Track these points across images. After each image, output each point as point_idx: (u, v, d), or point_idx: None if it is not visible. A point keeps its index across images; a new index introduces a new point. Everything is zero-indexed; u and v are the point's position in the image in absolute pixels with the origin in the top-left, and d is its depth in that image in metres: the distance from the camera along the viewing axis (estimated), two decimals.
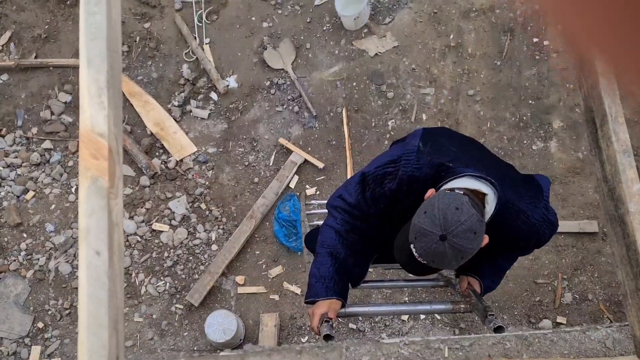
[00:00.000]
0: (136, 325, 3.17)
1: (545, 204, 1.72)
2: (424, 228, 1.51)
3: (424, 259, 1.51)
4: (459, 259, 1.51)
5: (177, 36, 3.79)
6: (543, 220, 1.70)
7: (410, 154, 1.73)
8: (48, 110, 3.62)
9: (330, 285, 1.82)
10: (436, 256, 1.49)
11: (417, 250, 1.51)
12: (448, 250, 1.49)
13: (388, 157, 1.80)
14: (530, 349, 1.07)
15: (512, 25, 3.72)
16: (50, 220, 3.38)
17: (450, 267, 1.57)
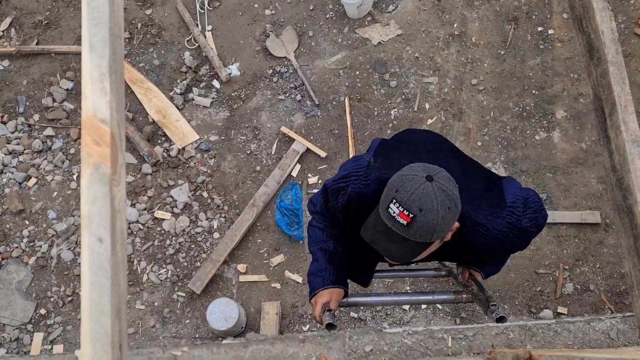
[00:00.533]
0: (138, 312, 3.18)
1: (510, 211, 1.64)
2: (407, 174, 1.45)
3: (408, 208, 1.39)
4: (447, 208, 1.41)
5: (179, 23, 3.77)
6: (508, 229, 1.62)
7: (359, 169, 1.71)
8: (50, 97, 3.61)
9: (326, 276, 1.88)
10: (424, 200, 1.39)
11: (401, 203, 1.41)
12: (437, 193, 1.41)
13: (342, 172, 1.79)
14: (534, 339, 1.07)
15: (517, 14, 3.69)
16: (52, 207, 3.38)
17: (439, 222, 1.41)
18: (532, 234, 1.70)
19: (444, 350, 1.07)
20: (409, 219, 1.39)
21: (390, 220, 1.43)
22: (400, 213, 1.40)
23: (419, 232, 1.41)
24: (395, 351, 1.08)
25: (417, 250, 1.48)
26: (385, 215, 1.45)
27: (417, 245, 1.45)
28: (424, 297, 1.96)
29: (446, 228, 1.44)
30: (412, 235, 1.42)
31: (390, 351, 1.08)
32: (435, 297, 1.94)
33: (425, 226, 1.41)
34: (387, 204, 1.44)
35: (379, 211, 1.47)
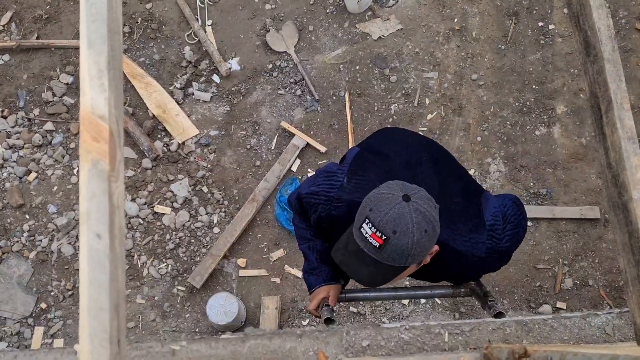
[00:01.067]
0: (138, 306, 3.19)
1: (490, 235, 1.57)
2: (383, 192, 1.36)
3: (381, 229, 1.29)
4: (423, 230, 1.31)
5: (179, 17, 3.76)
6: (488, 254, 1.57)
7: (331, 189, 1.63)
8: (50, 92, 3.61)
9: (319, 274, 1.87)
10: (399, 221, 1.29)
11: (374, 224, 1.31)
12: (413, 214, 1.30)
13: (313, 185, 1.70)
14: (530, 334, 1.08)
15: (517, 9, 3.68)
16: (52, 201, 3.39)
17: (413, 245, 1.31)
18: (512, 251, 1.66)
19: (440, 345, 1.08)
20: (382, 241, 1.30)
21: (362, 241, 1.34)
22: (373, 234, 1.31)
23: (392, 256, 1.31)
24: (392, 346, 1.09)
25: (390, 275, 1.37)
26: (357, 235, 1.35)
27: (389, 269, 1.35)
28: (422, 291, 1.96)
29: (422, 252, 1.35)
30: (385, 259, 1.32)
31: (388, 346, 1.09)
32: (433, 291, 1.95)
33: (399, 249, 1.30)
34: (360, 223, 1.35)
35: (352, 230, 1.39)
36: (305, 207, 1.74)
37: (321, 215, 1.64)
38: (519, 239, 1.67)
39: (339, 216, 1.60)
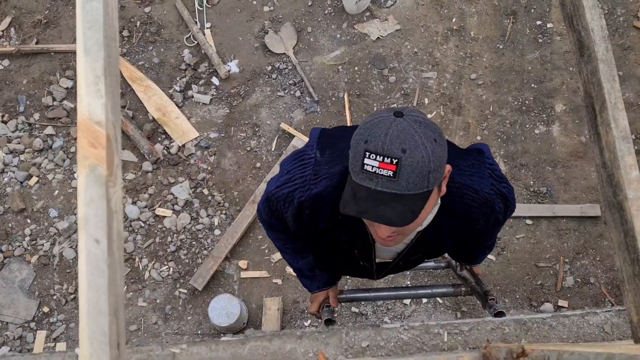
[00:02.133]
0: (140, 309, 3.20)
1: (491, 172, 1.44)
2: (371, 120, 1.15)
3: (389, 153, 1.08)
4: (431, 136, 1.12)
5: (177, 21, 3.77)
6: (494, 193, 1.42)
7: (305, 168, 1.44)
8: (50, 96, 3.62)
9: (315, 280, 1.83)
10: (404, 137, 1.09)
11: (377, 152, 1.09)
12: (414, 126, 1.10)
13: (284, 173, 1.50)
14: (529, 333, 1.08)
15: (515, 8, 3.68)
16: (53, 205, 3.40)
17: (429, 153, 1.10)
18: (513, 198, 1.52)
19: (439, 345, 1.08)
20: (394, 167, 1.07)
21: (371, 179, 1.10)
22: (382, 164, 1.08)
23: (411, 179, 1.09)
24: (391, 346, 1.09)
25: (417, 206, 1.13)
26: (363, 178, 1.11)
27: (414, 200, 1.11)
28: (423, 290, 1.97)
29: (441, 166, 1.14)
30: (405, 187, 1.09)
31: (387, 346, 1.09)
32: (434, 290, 1.96)
33: (417, 168, 1.09)
34: (360, 162, 1.11)
35: (352, 178, 1.14)
36: (277, 209, 1.52)
37: (301, 202, 1.42)
38: (509, 202, 1.51)
39: (323, 194, 1.38)
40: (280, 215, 1.52)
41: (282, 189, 1.47)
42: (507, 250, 3.22)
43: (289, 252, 1.77)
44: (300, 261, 1.77)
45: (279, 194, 1.48)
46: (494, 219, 1.46)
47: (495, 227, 1.57)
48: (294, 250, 1.74)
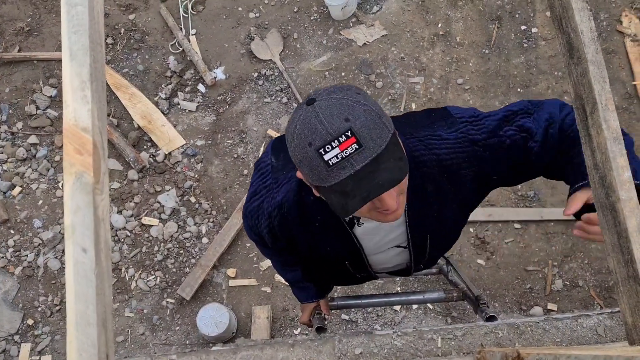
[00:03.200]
0: (127, 320, 3.15)
1: (466, 122, 1.32)
2: (291, 126, 1.08)
3: (337, 132, 1.01)
4: (356, 95, 1.07)
5: (162, 27, 3.75)
6: (464, 125, 1.31)
7: (265, 178, 1.40)
8: (33, 105, 3.57)
9: (305, 290, 1.80)
10: (334, 111, 1.03)
11: (327, 140, 1.02)
12: (329, 99, 1.05)
13: (250, 189, 1.45)
14: (522, 337, 1.08)
15: (500, 13, 3.71)
16: (38, 216, 3.34)
17: (364, 111, 1.04)
18: (487, 118, 1.35)
19: (433, 351, 1.07)
20: (353, 138, 1.01)
21: (344, 167, 1.02)
22: (341, 145, 1.01)
23: (373, 135, 1.03)
24: (385, 353, 1.08)
25: (398, 152, 1.06)
26: (336, 173, 1.03)
27: (391, 151, 1.05)
28: (414, 296, 1.96)
29: (381, 109, 1.09)
30: (375, 146, 1.03)
31: (380, 353, 1.08)
32: (425, 296, 1.95)
33: (370, 122, 1.04)
34: (322, 163, 1.03)
35: (327, 185, 1.05)
36: (253, 225, 1.46)
37: (270, 213, 1.37)
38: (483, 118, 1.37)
39: (288, 200, 1.33)
40: (257, 231, 1.46)
41: (251, 204, 1.43)
42: (496, 254, 3.23)
43: (278, 265, 1.74)
44: (289, 273, 1.75)
45: (249, 209, 1.44)
46: (483, 146, 1.29)
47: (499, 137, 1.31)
48: (282, 263, 1.70)
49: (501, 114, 1.33)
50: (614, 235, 0.80)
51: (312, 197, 1.29)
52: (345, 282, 1.75)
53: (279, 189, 1.35)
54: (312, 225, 1.35)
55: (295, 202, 1.33)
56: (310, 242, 1.41)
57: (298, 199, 1.32)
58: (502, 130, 1.30)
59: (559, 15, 0.88)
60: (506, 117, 1.32)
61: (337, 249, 1.42)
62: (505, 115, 1.33)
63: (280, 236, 1.42)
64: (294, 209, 1.34)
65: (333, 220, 1.32)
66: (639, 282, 0.76)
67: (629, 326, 0.79)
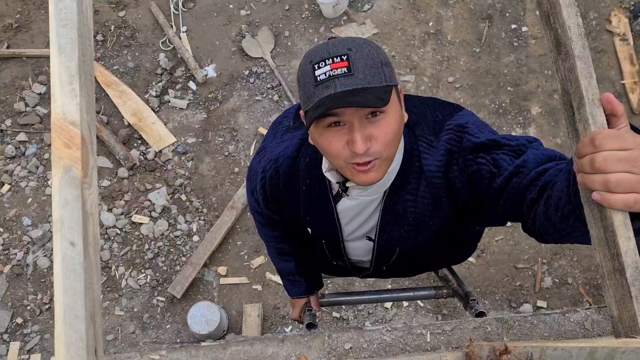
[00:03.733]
0: (117, 318, 3.14)
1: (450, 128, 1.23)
2: (309, 51, 1.12)
3: (336, 53, 1.05)
4: (372, 44, 1.10)
5: (153, 24, 3.73)
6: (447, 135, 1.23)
7: (276, 137, 1.41)
8: (22, 102, 3.55)
9: (296, 285, 1.80)
10: (344, 43, 1.08)
11: (324, 59, 1.06)
12: (348, 39, 1.10)
13: (261, 145, 1.48)
14: (511, 331, 1.08)
15: (490, 12, 3.73)
16: (27, 214, 3.32)
17: (368, 50, 1.07)
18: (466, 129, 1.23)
19: (422, 346, 1.08)
20: (346, 62, 1.04)
21: (328, 87, 1.04)
22: (333, 65, 1.04)
23: (367, 71, 1.04)
24: (374, 348, 1.08)
25: (385, 96, 1.05)
26: (320, 90, 1.05)
27: (378, 91, 1.05)
28: (405, 293, 1.96)
29: (389, 64, 1.11)
30: (365, 80, 1.04)
31: (370, 348, 1.08)
32: (416, 293, 1.95)
33: (369, 60, 1.06)
34: (312, 78, 1.06)
35: (309, 102, 1.07)
36: (254, 186, 1.45)
37: (263, 167, 1.38)
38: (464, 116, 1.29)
39: (279, 155, 1.35)
40: (255, 194, 1.47)
41: (254, 160, 1.44)
42: (486, 252, 3.25)
43: (273, 253, 1.75)
44: (282, 263, 1.76)
45: (252, 166, 1.44)
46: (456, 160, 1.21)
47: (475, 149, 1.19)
48: (278, 251, 1.72)
49: (487, 139, 1.19)
50: (600, 230, 0.80)
51: (308, 159, 1.31)
52: (325, 269, 1.77)
53: (281, 144, 1.37)
54: (299, 188, 1.35)
55: (291, 156, 1.34)
56: (294, 208, 1.41)
57: (295, 154, 1.33)
58: (475, 154, 1.18)
59: (547, 11, 0.88)
60: (487, 145, 1.18)
61: (317, 222, 1.41)
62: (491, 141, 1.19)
63: (270, 195, 1.42)
64: (287, 163, 1.34)
65: (320, 188, 1.33)
66: (624, 276, 0.77)
67: (614, 319, 0.79)
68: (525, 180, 1.06)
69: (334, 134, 1.09)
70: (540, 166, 1.06)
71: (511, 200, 1.09)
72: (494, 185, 1.12)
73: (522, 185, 1.06)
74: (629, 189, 0.75)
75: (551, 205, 0.95)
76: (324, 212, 1.37)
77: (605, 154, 0.76)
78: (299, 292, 1.81)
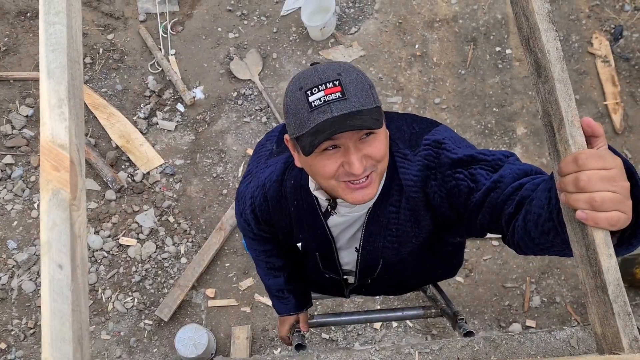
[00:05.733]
0: (103, 343, 3.09)
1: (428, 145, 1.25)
2: (296, 75, 1.15)
3: (327, 79, 1.08)
4: (356, 69, 1.13)
5: (141, 47, 3.75)
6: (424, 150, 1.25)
7: (259, 161, 1.45)
8: (9, 124, 3.53)
9: (285, 302, 1.79)
10: (330, 67, 1.11)
11: (316, 85, 1.09)
12: (334, 64, 1.13)
13: (246, 169, 1.53)
14: (498, 350, 1.09)
15: (475, 35, 3.80)
16: (12, 237, 3.28)
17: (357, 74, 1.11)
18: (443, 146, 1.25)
19: None
20: (339, 87, 1.07)
21: (324, 111, 1.07)
22: (327, 90, 1.07)
23: (359, 94, 1.08)
24: None
25: (378, 117, 1.10)
26: (315, 116, 1.07)
27: (371, 113, 1.09)
28: (393, 313, 1.96)
29: (372, 83, 1.15)
30: (358, 103, 1.08)
31: None
32: (404, 313, 1.95)
33: (359, 84, 1.10)
34: (306, 104, 1.08)
35: (302, 128, 1.10)
36: (242, 209, 1.49)
37: (252, 192, 1.42)
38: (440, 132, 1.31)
39: (266, 179, 1.39)
40: (244, 215, 1.50)
41: (241, 185, 1.48)
42: (474, 271, 3.26)
43: (262, 269, 1.75)
44: (271, 280, 1.76)
45: (239, 190, 1.49)
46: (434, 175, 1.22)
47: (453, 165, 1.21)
48: (267, 266, 1.73)
49: (464, 154, 1.21)
50: (582, 247, 0.82)
51: (292, 181, 1.35)
52: (315, 286, 1.79)
53: (266, 169, 1.41)
54: (288, 209, 1.39)
55: (277, 181, 1.38)
56: (287, 228, 1.45)
57: (280, 179, 1.37)
58: (452, 170, 1.20)
59: (527, 35, 0.91)
60: (465, 160, 1.20)
61: (310, 238, 1.45)
62: (468, 156, 1.20)
63: (261, 219, 1.47)
64: (274, 187, 1.38)
65: (308, 207, 1.36)
66: (606, 293, 0.78)
67: (598, 336, 0.81)
68: (503, 195, 1.09)
69: (329, 157, 1.12)
70: (516, 181, 1.09)
71: (489, 214, 1.12)
72: (472, 199, 1.14)
73: (499, 199, 1.09)
74: (611, 208, 0.78)
75: (530, 220, 0.97)
76: (315, 229, 1.40)
77: (589, 173, 0.78)
78: (287, 309, 1.81)
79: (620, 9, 3.83)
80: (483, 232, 1.20)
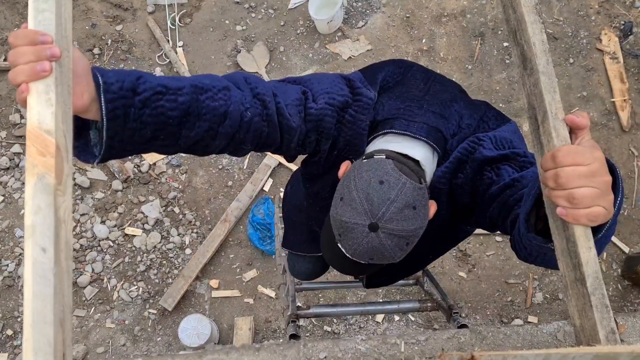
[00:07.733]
0: (108, 331, 3.14)
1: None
2: (346, 221, 1.10)
3: (360, 258, 1.12)
4: (404, 246, 1.11)
5: (149, 39, 3.78)
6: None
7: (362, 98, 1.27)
8: (18, 114, 3.58)
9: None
10: (373, 252, 1.10)
11: (347, 250, 1.12)
12: (385, 242, 1.09)
13: (335, 90, 1.27)
14: (484, 342, 1.09)
15: (483, 30, 3.78)
16: (19, 225, 3.33)
17: (396, 259, 1.13)
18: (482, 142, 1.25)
19: (397, 356, 1.09)
20: (362, 264, 1.16)
21: (344, 256, 1.16)
22: (353, 256, 1.14)
23: (376, 267, 1.17)
24: (349, 357, 1.09)
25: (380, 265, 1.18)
26: (336, 247, 1.16)
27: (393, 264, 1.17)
28: (389, 306, 1.97)
29: (409, 244, 1.13)
30: (371, 268, 1.17)
31: (345, 357, 1.09)
32: (400, 305, 1.96)
33: (381, 265, 1.16)
34: (334, 242, 1.16)
35: (332, 239, 1.17)
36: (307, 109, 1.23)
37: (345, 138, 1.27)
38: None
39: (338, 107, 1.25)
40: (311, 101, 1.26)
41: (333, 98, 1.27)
42: (477, 267, 3.25)
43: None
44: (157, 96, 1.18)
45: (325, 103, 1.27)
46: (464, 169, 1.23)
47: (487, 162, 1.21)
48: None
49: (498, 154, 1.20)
50: (563, 240, 0.82)
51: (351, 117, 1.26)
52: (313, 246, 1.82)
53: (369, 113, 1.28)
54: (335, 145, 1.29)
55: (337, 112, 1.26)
56: (321, 161, 1.33)
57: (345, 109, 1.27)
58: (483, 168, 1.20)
59: (514, 28, 0.91)
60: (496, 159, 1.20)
61: (327, 191, 1.38)
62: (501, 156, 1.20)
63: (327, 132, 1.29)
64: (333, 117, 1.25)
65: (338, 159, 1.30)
66: (585, 285, 0.78)
67: (577, 328, 0.81)
68: (517, 195, 1.07)
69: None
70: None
71: (499, 209, 1.11)
72: (489, 191, 1.14)
73: (512, 198, 1.08)
74: (591, 203, 0.78)
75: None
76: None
77: (567, 169, 0.78)
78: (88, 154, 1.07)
79: (631, 5, 3.79)
80: (492, 227, 1.20)
